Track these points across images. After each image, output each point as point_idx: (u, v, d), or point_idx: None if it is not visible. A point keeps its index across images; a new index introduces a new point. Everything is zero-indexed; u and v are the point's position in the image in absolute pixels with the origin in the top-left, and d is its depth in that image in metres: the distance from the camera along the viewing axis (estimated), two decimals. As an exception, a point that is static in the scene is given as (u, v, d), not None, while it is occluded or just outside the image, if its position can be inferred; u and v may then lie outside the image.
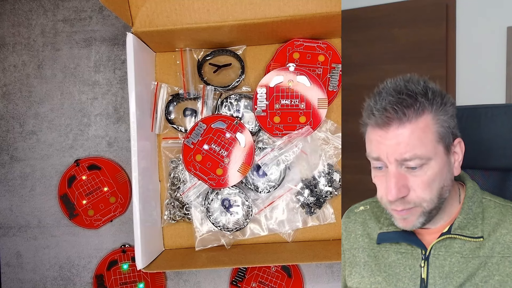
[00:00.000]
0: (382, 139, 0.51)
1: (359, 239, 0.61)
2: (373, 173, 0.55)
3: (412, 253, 0.56)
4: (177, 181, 0.91)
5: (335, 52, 0.89)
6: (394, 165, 0.51)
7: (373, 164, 0.54)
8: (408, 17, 1.23)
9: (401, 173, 0.51)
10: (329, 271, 0.93)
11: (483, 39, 1.15)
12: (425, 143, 0.51)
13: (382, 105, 0.51)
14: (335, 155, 0.91)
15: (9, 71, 0.98)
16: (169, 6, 0.79)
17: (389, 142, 0.51)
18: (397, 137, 0.50)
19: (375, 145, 0.52)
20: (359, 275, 0.60)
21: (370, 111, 0.52)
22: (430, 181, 0.51)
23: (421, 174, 0.51)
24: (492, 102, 1.13)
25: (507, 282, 0.51)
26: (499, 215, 0.55)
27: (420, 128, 0.50)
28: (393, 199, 0.51)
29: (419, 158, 0.50)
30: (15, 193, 0.97)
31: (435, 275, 0.54)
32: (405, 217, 0.53)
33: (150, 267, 0.80)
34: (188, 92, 0.91)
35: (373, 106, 0.52)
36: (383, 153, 0.51)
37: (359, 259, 0.60)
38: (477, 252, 0.53)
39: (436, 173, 0.51)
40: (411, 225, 0.54)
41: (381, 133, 0.51)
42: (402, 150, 0.50)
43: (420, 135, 0.50)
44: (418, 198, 0.52)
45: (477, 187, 0.58)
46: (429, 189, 0.52)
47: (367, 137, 0.54)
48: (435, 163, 0.51)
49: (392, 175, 0.51)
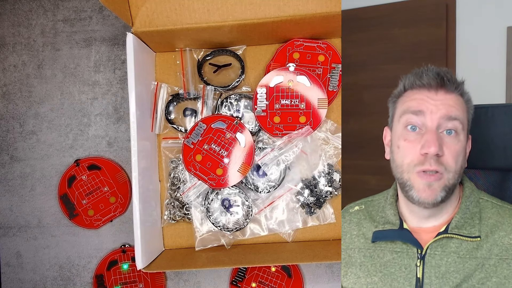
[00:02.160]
0: (429, 99, 0.55)
1: (355, 240, 0.61)
2: (403, 135, 0.56)
3: (408, 252, 0.56)
4: (177, 181, 0.91)
5: (335, 52, 0.89)
6: (436, 122, 0.54)
7: (408, 122, 0.56)
8: (408, 17, 1.23)
9: (439, 135, 0.54)
10: (329, 271, 0.93)
11: (483, 39, 1.15)
12: (463, 113, 0.56)
13: (436, 70, 0.56)
14: (335, 155, 0.91)
15: (9, 71, 0.98)
16: (169, 6, 0.79)
17: (436, 102, 0.55)
18: (445, 100, 0.55)
19: (419, 102, 0.55)
20: (355, 275, 0.59)
21: (421, 73, 0.56)
22: (459, 152, 0.54)
23: (454, 142, 0.54)
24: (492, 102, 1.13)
25: (504, 284, 0.51)
26: (496, 216, 0.55)
27: (460, 102, 0.56)
28: (434, 152, 0.53)
29: (460, 120, 0.54)
30: (15, 193, 0.97)
31: (431, 275, 0.54)
32: (432, 183, 0.54)
33: (150, 267, 0.80)
34: (188, 92, 0.91)
35: (424, 71, 0.56)
36: (429, 108, 0.55)
37: (354, 259, 0.60)
38: (474, 253, 0.53)
39: (462, 148, 0.55)
40: (434, 196, 0.54)
41: (429, 94, 0.55)
42: (449, 108, 0.54)
43: (461, 105, 0.56)
44: (448, 164, 0.54)
45: (474, 187, 0.58)
46: (456, 160, 0.54)
47: (405, 98, 0.57)
48: (463, 137, 0.55)
49: (434, 132, 0.54)
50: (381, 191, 0.64)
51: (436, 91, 0.55)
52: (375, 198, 0.64)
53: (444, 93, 0.55)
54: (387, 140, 0.60)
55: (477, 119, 0.63)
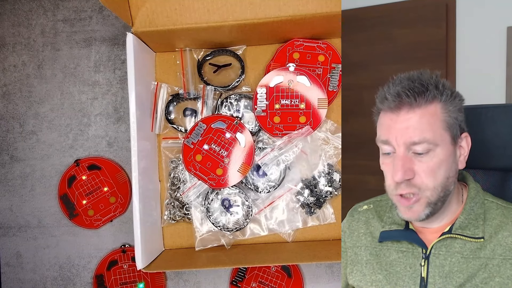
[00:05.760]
0: (393, 123, 0.53)
1: (362, 238, 0.62)
2: (381, 160, 0.56)
3: (413, 252, 0.56)
4: (177, 181, 0.91)
5: (335, 52, 0.89)
6: (403, 148, 0.53)
7: (382, 149, 0.55)
8: (408, 17, 1.23)
9: (408, 157, 0.53)
10: (329, 271, 0.93)
11: (483, 39, 1.15)
12: (433, 128, 0.52)
13: (396, 90, 0.53)
14: (335, 155, 0.91)
15: (9, 71, 0.98)
16: (169, 6, 0.79)
17: (399, 126, 0.53)
18: (407, 121, 0.52)
19: (385, 128, 0.54)
20: (361, 273, 0.60)
21: (383, 96, 0.54)
22: (436, 168, 0.53)
23: (427, 160, 0.52)
24: (492, 102, 1.13)
25: (507, 284, 0.51)
26: (501, 217, 0.55)
27: (429, 113, 0.53)
28: (399, 180, 0.52)
29: (427, 142, 0.52)
30: (15, 193, 0.97)
31: (435, 274, 0.54)
32: (411, 206, 0.54)
33: (150, 267, 0.80)
34: (188, 92, 0.91)
35: (387, 91, 0.54)
36: (393, 136, 0.53)
37: (361, 257, 0.61)
38: (477, 253, 0.53)
39: (441, 161, 0.53)
40: (416, 215, 0.54)
41: (392, 117, 0.53)
42: (411, 133, 0.52)
43: (429, 120, 0.52)
44: (423, 183, 0.53)
45: (479, 188, 0.58)
46: (434, 176, 0.53)
47: (379, 123, 0.56)
48: (441, 151, 0.53)
49: (400, 158, 0.53)
50: (381, 191, 0.64)
51: (398, 113, 0.53)
52: (384, 198, 0.64)
53: (406, 112, 0.52)
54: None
55: (477, 119, 0.63)
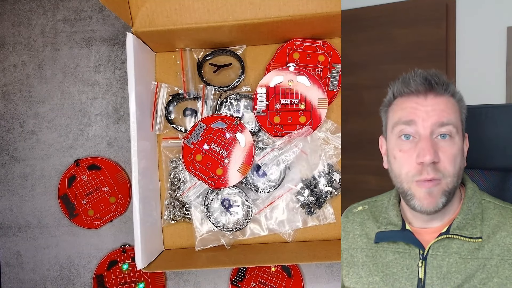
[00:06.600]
0: (419, 106, 0.54)
1: (357, 239, 0.61)
2: (397, 147, 0.56)
3: (410, 253, 0.56)
4: (177, 181, 0.91)
5: (335, 52, 0.89)
6: (429, 130, 0.53)
7: (401, 131, 0.55)
8: (408, 17, 1.23)
9: (434, 141, 0.53)
10: (329, 271, 0.93)
11: (483, 39, 1.15)
12: (456, 115, 0.55)
13: (423, 75, 0.55)
14: (335, 155, 0.91)
15: (9, 71, 0.98)
16: (169, 6, 0.79)
17: (427, 108, 0.54)
18: (437, 104, 0.54)
19: (410, 111, 0.55)
20: (357, 275, 0.59)
21: (407, 80, 0.55)
22: (456, 155, 0.54)
23: (450, 145, 0.53)
24: (492, 102, 1.13)
25: (506, 284, 0.51)
26: (498, 217, 0.55)
27: (451, 103, 0.55)
28: (429, 160, 0.52)
29: (453, 124, 0.54)
30: (15, 193, 0.97)
31: (433, 275, 0.54)
32: (431, 190, 0.53)
33: (150, 267, 0.80)
34: (188, 92, 0.91)
35: (411, 76, 0.55)
36: (419, 117, 0.54)
37: (357, 259, 0.60)
38: (475, 254, 0.53)
39: (459, 150, 0.54)
40: (434, 202, 0.54)
41: (418, 100, 0.54)
42: (440, 114, 0.53)
43: (452, 107, 0.55)
44: (446, 169, 0.53)
45: (476, 188, 0.58)
46: (454, 164, 0.54)
47: (398, 107, 0.56)
48: (458, 139, 0.54)
49: (428, 139, 0.53)
50: (381, 191, 0.64)
51: (425, 97, 0.54)
52: (379, 198, 0.64)
53: (434, 97, 0.54)
54: (383, 149, 0.60)
55: (477, 119, 0.63)
